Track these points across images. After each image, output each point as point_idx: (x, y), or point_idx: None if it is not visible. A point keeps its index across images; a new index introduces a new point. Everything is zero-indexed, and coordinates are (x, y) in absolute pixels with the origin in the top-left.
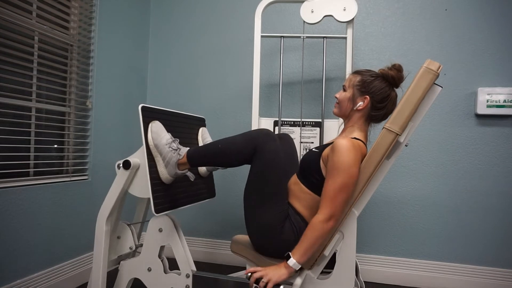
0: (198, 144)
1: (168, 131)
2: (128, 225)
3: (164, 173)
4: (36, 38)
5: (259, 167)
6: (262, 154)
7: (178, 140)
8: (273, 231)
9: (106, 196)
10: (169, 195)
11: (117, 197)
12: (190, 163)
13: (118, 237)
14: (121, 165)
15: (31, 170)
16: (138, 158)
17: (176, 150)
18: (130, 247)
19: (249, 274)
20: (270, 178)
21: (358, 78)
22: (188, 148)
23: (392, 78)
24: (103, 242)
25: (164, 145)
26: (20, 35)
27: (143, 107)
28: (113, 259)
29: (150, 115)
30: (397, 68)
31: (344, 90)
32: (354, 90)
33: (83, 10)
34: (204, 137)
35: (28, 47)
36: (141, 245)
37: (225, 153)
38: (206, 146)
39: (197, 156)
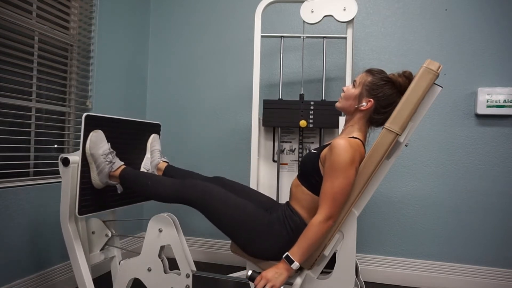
0: (146, 150)
1: (115, 138)
2: (98, 219)
3: (96, 179)
4: (36, 38)
5: (204, 210)
6: (195, 200)
7: (115, 153)
8: (261, 237)
9: (61, 197)
10: (97, 198)
11: (70, 193)
12: (120, 182)
13: (93, 232)
14: (60, 162)
15: (31, 170)
16: (78, 156)
17: (110, 162)
18: (106, 234)
19: (249, 273)
20: (221, 209)
21: (369, 78)
22: (122, 164)
23: (400, 85)
24: (73, 241)
25: (99, 155)
26: (20, 35)
27: (87, 116)
28: (96, 253)
29: (94, 123)
30: (407, 76)
31: (354, 86)
32: (363, 90)
33: (83, 10)
34: (153, 144)
35: (28, 47)
36: (121, 235)
37: (151, 192)
38: (138, 176)
39: (127, 181)
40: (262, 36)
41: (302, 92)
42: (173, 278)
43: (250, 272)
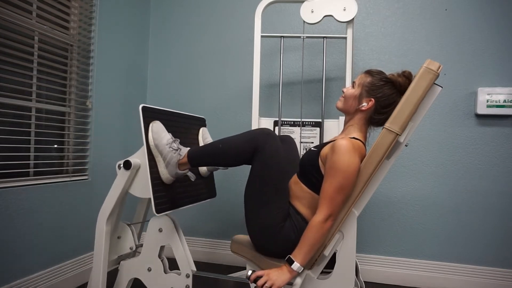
0: (198, 144)
1: (168, 131)
2: (128, 225)
3: (164, 173)
4: (36, 38)
5: (259, 167)
6: (262, 154)
7: (179, 140)
8: (274, 230)
9: (107, 196)
10: (170, 195)
11: (118, 197)
12: (190, 163)
13: (119, 237)
14: (121, 165)
15: (31, 170)
16: (139, 158)
17: (177, 150)
18: (130, 247)
19: (249, 273)
20: (271, 178)
21: (368, 79)
22: (188, 148)
23: (399, 85)
24: (103, 242)
25: (164, 145)
26: (20, 35)
27: (143, 107)
28: (113, 259)
29: (150, 115)
30: (406, 76)
31: (353, 87)
32: (362, 90)
33: (83, 10)
34: (205, 137)
35: (28, 47)
36: (141, 245)
37: (225, 153)
38: (206, 146)
39: (198, 156)
40: (262, 36)
41: (301, 118)
42: (173, 278)
43: (250, 272)
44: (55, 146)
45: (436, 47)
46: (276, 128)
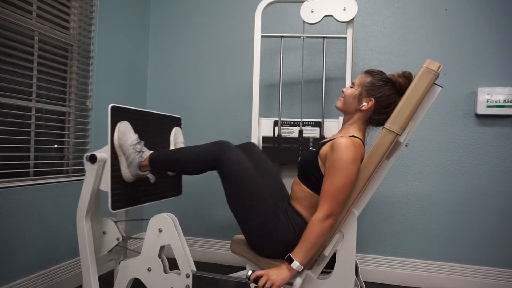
0: (169, 144)
1: (138, 131)
2: (111, 220)
3: (126, 172)
4: (36, 38)
5: (227, 178)
6: (224, 166)
7: (143, 142)
8: (268, 232)
9: (81, 192)
10: (129, 192)
11: (91, 191)
12: (151, 166)
13: (104, 233)
14: (88, 158)
15: (31, 170)
16: (105, 153)
17: (140, 152)
18: (117, 238)
19: (249, 273)
20: (243, 185)
21: (368, 79)
22: (151, 152)
23: (399, 85)
24: (87, 239)
25: (128, 146)
26: (20, 35)
27: (113, 107)
28: (103, 255)
29: (120, 114)
30: (406, 76)
31: (353, 87)
32: (362, 90)
33: (83, 10)
34: (176, 137)
35: (28, 47)
36: (130, 238)
37: (184, 163)
38: (168, 152)
39: (158, 161)
40: (262, 36)
41: (301, 128)
42: (173, 278)
43: (250, 272)
44: (55, 146)
45: (436, 47)
46: (276, 128)
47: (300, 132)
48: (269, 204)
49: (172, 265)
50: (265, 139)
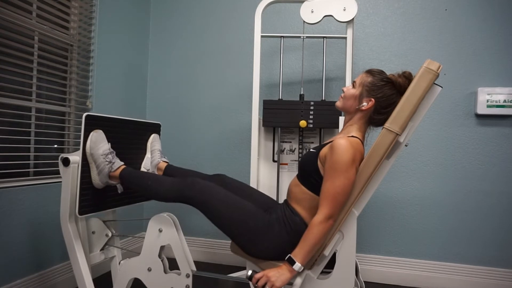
0: (146, 150)
1: (114, 138)
2: (98, 218)
3: (96, 179)
4: (36, 38)
5: (201, 207)
6: (193, 199)
7: (115, 153)
8: (259, 235)
9: (61, 196)
10: (98, 198)
11: (70, 193)
12: (120, 182)
13: (93, 232)
14: (61, 161)
15: (31, 170)
16: (79, 156)
17: (110, 163)
18: (106, 235)
19: (249, 273)
20: (222, 206)
21: (369, 79)
22: (122, 164)
23: (399, 86)
24: (74, 241)
25: (99, 155)
26: (20, 35)
27: (87, 116)
28: (96, 253)
29: (94, 123)
30: (406, 76)
31: (353, 86)
32: (363, 90)
33: (83, 10)
34: (153, 144)
35: (28, 47)
36: (121, 235)
37: (152, 192)
38: (138, 175)
39: (128, 181)
40: (262, 36)
41: (302, 92)
42: (173, 278)
43: (250, 272)
44: (55, 146)
45: (436, 47)
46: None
47: (301, 96)
48: (257, 213)
49: (172, 265)
50: (266, 103)
